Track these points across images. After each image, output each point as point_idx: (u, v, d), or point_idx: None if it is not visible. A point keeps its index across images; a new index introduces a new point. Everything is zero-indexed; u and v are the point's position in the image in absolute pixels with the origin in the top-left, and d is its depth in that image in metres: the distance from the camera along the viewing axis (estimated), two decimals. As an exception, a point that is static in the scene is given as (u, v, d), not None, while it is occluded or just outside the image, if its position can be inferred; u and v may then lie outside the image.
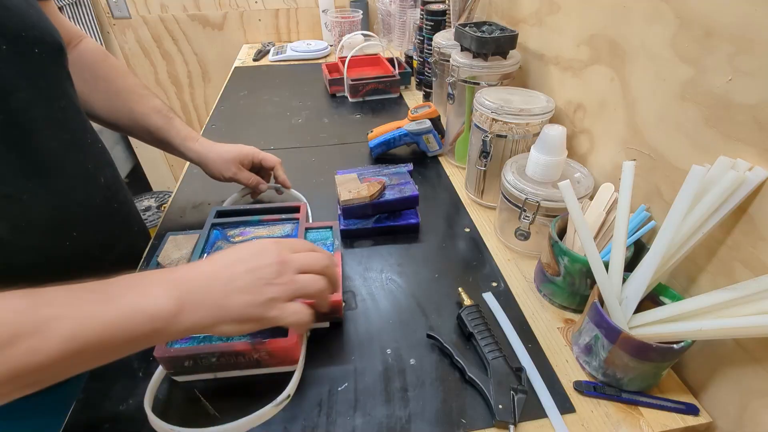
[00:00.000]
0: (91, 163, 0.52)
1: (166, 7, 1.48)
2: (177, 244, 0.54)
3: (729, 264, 0.40)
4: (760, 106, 0.36)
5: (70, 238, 0.49)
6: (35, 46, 0.44)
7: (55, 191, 0.46)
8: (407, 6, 1.10)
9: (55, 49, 0.48)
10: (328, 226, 0.58)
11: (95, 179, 0.53)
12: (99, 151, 0.56)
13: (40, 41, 0.45)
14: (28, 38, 0.43)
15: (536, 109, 0.59)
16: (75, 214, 0.49)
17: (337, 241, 0.55)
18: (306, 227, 0.58)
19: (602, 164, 0.59)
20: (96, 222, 0.53)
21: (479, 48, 0.66)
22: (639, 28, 0.49)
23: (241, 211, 0.60)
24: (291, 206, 0.61)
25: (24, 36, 0.43)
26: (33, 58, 0.44)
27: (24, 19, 0.43)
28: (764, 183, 0.36)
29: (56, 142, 0.47)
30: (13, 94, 0.42)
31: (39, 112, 0.44)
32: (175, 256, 0.52)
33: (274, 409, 0.41)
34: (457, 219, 0.67)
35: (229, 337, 0.44)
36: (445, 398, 0.43)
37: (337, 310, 0.49)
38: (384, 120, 0.89)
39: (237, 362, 0.43)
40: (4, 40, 0.41)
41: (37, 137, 0.44)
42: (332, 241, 0.56)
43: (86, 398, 0.43)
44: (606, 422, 0.41)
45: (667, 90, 0.46)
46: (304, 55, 1.36)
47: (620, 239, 0.43)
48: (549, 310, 0.52)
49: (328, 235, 0.57)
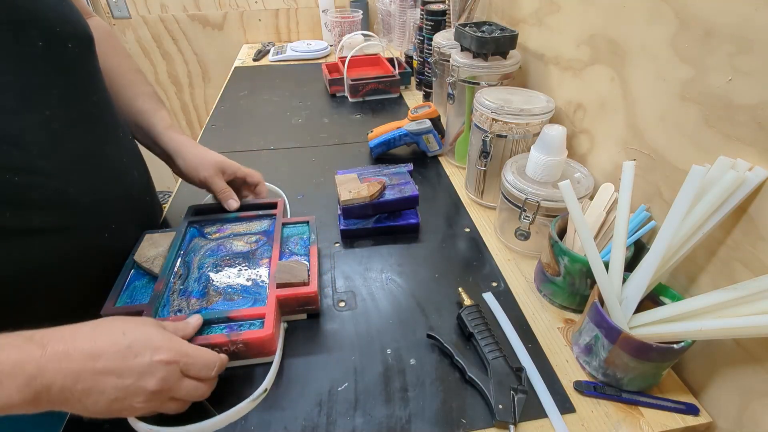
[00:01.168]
0: (126, 156, 0.53)
1: (166, 7, 1.48)
2: (153, 242, 0.54)
3: (729, 264, 0.40)
4: (760, 106, 0.36)
5: (109, 230, 0.49)
6: (69, 40, 0.44)
7: (96, 185, 0.47)
8: (407, 6, 1.10)
9: (86, 41, 0.47)
10: (305, 221, 0.59)
11: (130, 173, 0.54)
12: (131, 145, 0.57)
13: (72, 35, 0.44)
14: (62, 33, 0.43)
15: (536, 109, 0.59)
16: (114, 206, 0.50)
17: (313, 236, 0.56)
18: (283, 222, 0.59)
19: (602, 164, 0.59)
20: (132, 215, 0.54)
21: (479, 48, 0.66)
22: (639, 28, 0.49)
23: (219, 207, 0.61)
24: (268, 202, 0.62)
25: (59, 31, 0.42)
26: (67, 53, 0.44)
27: (58, 13, 0.43)
28: (764, 183, 0.36)
29: (92, 136, 0.47)
30: (51, 91, 0.42)
31: (75, 107, 0.44)
32: (151, 253, 0.52)
33: (251, 404, 0.41)
34: (457, 219, 0.67)
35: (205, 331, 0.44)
36: (445, 398, 0.43)
37: (312, 302, 0.49)
38: (384, 120, 0.89)
39: None
40: (41, 37, 0.41)
41: (76, 131, 0.44)
42: (308, 236, 0.57)
43: (86, 398, 0.43)
44: (606, 422, 0.41)
45: (667, 90, 0.46)
46: (304, 55, 1.36)
47: (620, 239, 0.43)
48: (549, 310, 0.52)
49: (304, 230, 0.58)
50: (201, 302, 0.48)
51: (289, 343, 0.48)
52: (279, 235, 0.56)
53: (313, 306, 0.50)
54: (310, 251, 0.54)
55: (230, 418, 0.40)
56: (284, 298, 0.48)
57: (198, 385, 0.39)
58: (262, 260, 0.53)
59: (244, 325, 0.45)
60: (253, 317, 0.45)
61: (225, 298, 0.49)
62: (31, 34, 0.40)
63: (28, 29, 0.39)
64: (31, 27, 0.40)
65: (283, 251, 0.55)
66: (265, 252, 0.55)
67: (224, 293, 0.49)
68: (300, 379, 0.45)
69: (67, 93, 0.44)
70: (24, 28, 0.39)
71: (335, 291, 0.55)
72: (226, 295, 0.49)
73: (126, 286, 0.50)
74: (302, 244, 0.56)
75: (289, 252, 0.55)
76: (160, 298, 0.47)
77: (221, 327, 0.45)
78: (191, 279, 0.51)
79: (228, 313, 0.45)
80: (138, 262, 0.51)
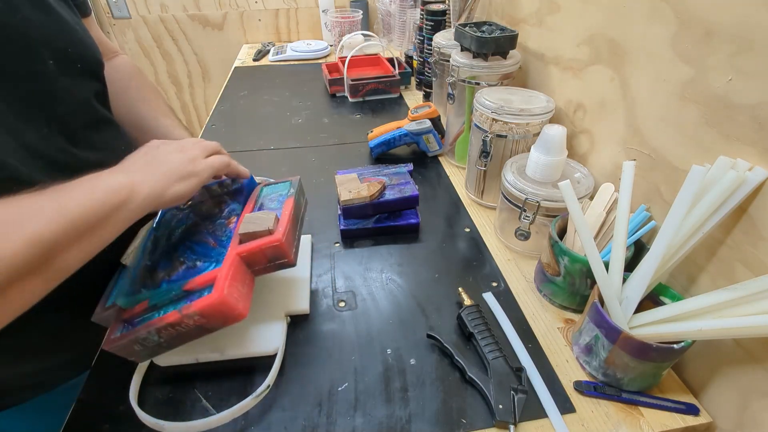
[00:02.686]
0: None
1: (166, 7, 1.48)
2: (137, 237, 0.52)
3: (729, 264, 0.40)
4: (760, 106, 0.36)
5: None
6: (78, 61, 0.47)
7: None
8: (407, 6, 1.10)
9: (95, 64, 0.51)
10: (287, 181, 0.54)
11: None
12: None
13: (82, 57, 0.48)
14: (73, 54, 0.47)
15: (536, 109, 0.59)
16: None
17: (293, 190, 0.51)
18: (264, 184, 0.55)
19: (602, 164, 0.59)
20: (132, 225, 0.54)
21: (479, 48, 0.66)
22: (639, 28, 0.49)
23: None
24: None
25: (70, 52, 0.46)
26: (76, 72, 0.47)
27: (71, 35, 0.47)
28: (764, 183, 0.36)
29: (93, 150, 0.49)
30: (56, 107, 0.44)
31: (78, 123, 0.47)
32: (129, 249, 0.50)
33: (254, 400, 0.41)
34: (457, 219, 0.67)
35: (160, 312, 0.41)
36: (445, 398, 0.43)
37: (281, 254, 0.44)
38: (384, 120, 0.89)
39: (180, 333, 0.40)
40: (52, 56, 0.44)
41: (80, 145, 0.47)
42: (287, 192, 0.52)
43: (86, 398, 0.43)
44: (606, 422, 0.41)
45: (667, 90, 0.46)
46: (304, 55, 1.36)
47: (620, 239, 0.43)
48: (549, 310, 0.52)
49: (285, 188, 0.53)
50: (164, 273, 0.44)
51: (290, 343, 0.48)
52: (256, 194, 0.52)
53: (284, 259, 0.45)
54: (285, 203, 0.48)
55: (233, 414, 0.40)
56: (247, 253, 0.43)
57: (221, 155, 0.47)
58: (230, 219, 0.49)
59: (195, 295, 0.40)
60: (208, 282, 0.41)
61: (188, 265, 0.44)
62: (42, 53, 0.43)
63: (39, 48, 0.43)
64: (41, 45, 0.43)
65: (256, 208, 0.50)
66: (236, 211, 0.50)
67: (187, 260, 0.45)
68: (300, 379, 0.45)
69: (72, 109, 0.46)
70: (36, 46, 0.42)
71: (335, 291, 0.55)
72: (189, 261, 0.45)
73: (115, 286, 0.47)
74: (279, 200, 0.50)
75: (262, 207, 0.50)
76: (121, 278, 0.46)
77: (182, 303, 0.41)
78: (157, 252, 0.48)
79: (184, 285, 0.41)
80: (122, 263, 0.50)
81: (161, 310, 0.41)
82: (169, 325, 0.39)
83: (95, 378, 0.45)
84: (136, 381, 0.43)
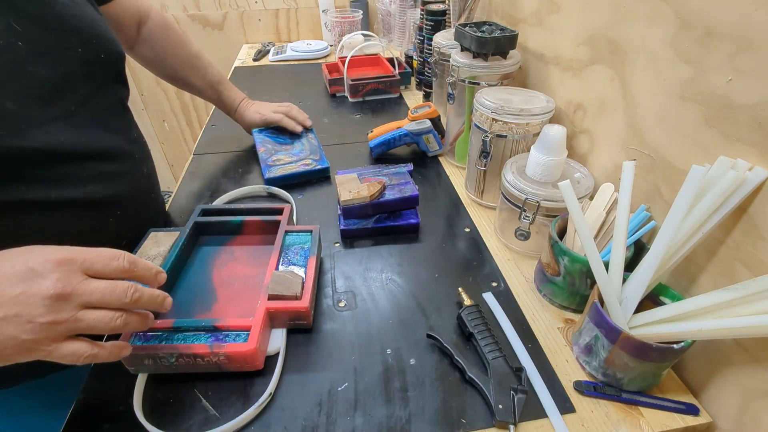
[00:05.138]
0: (137, 154, 0.58)
1: (166, 7, 1.48)
2: (157, 241, 0.54)
3: (729, 264, 0.40)
4: (760, 106, 0.36)
5: (114, 216, 0.53)
6: (102, 52, 0.51)
7: (111, 174, 0.52)
8: (407, 6, 1.10)
9: (116, 56, 0.54)
10: (308, 230, 0.57)
11: (141, 169, 0.58)
12: (143, 145, 0.61)
13: (105, 49, 0.52)
14: (98, 45, 0.50)
15: (536, 109, 0.59)
16: (122, 196, 0.53)
17: (314, 247, 0.54)
18: (286, 230, 0.57)
19: (602, 164, 0.59)
20: (137, 207, 0.57)
21: (479, 48, 0.66)
22: (639, 28, 0.49)
23: (225, 210, 0.61)
24: (275, 208, 0.60)
25: (95, 43, 0.50)
26: (97, 62, 0.51)
27: (98, 28, 0.51)
28: (764, 183, 0.36)
29: (108, 133, 0.52)
30: (75, 90, 0.48)
31: (94, 107, 0.50)
32: (153, 252, 0.52)
33: (256, 409, 0.41)
34: (457, 219, 0.67)
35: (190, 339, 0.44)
36: (445, 398, 0.43)
37: (303, 317, 0.48)
38: (384, 120, 0.89)
39: (197, 364, 0.43)
40: (80, 43, 0.48)
41: (95, 128, 0.50)
42: (309, 246, 0.55)
43: (86, 398, 0.43)
44: (606, 422, 0.41)
45: (667, 90, 0.46)
46: (304, 55, 1.36)
47: (620, 239, 0.43)
48: (549, 310, 0.52)
49: (306, 240, 0.56)
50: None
51: (290, 342, 0.48)
52: (280, 242, 0.55)
53: (304, 321, 0.48)
54: (309, 263, 0.52)
55: (236, 425, 0.40)
56: (274, 311, 0.47)
57: (110, 315, 0.33)
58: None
59: (230, 336, 0.44)
60: (240, 329, 0.44)
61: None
62: (73, 41, 0.47)
63: (71, 36, 0.47)
64: (73, 35, 0.47)
65: (281, 260, 0.53)
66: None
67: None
68: (300, 379, 0.45)
69: (93, 93, 0.50)
70: (68, 35, 0.47)
71: (335, 291, 0.55)
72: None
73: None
74: (302, 254, 0.54)
75: (288, 261, 0.53)
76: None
77: (207, 336, 0.44)
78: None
79: (215, 323, 0.44)
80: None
81: (184, 336, 0.44)
82: (194, 355, 0.42)
83: (95, 378, 0.45)
84: (139, 390, 0.43)
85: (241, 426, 0.41)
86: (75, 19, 0.48)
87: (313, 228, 0.57)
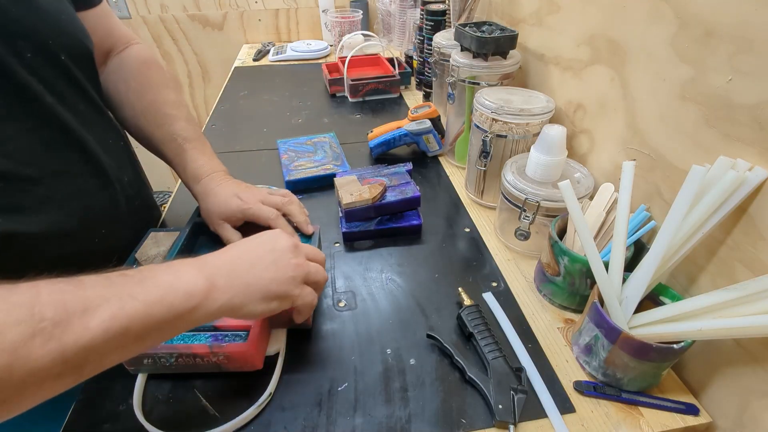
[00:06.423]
0: (115, 161, 0.54)
1: (166, 7, 1.48)
2: (156, 241, 0.54)
3: (729, 264, 0.40)
4: (760, 106, 0.36)
5: (98, 235, 0.51)
6: (62, 52, 0.46)
7: (84, 190, 0.49)
8: (407, 6, 1.10)
9: (82, 54, 0.49)
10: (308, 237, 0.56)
11: (120, 179, 0.55)
12: (122, 150, 0.57)
13: (67, 47, 0.46)
14: (56, 45, 0.45)
15: (536, 109, 0.59)
16: (102, 212, 0.51)
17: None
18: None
19: (602, 164, 0.59)
20: (122, 220, 0.55)
21: (479, 48, 0.66)
22: (639, 28, 0.49)
23: None
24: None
25: (51, 43, 0.44)
26: (59, 64, 0.46)
27: (55, 25, 0.45)
28: (764, 183, 0.36)
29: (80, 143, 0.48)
30: (38, 100, 0.43)
31: (65, 115, 0.46)
32: (152, 252, 0.52)
33: (256, 409, 0.41)
34: (457, 219, 0.67)
35: (189, 339, 0.44)
36: (445, 398, 0.43)
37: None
38: (384, 120, 0.89)
39: (196, 364, 0.43)
40: (30, 49, 0.42)
41: (69, 138, 0.47)
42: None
43: (86, 398, 0.43)
44: (606, 422, 0.41)
45: (667, 90, 0.46)
46: (304, 55, 1.36)
47: (620, 239, 0.43)
48: (549, 310, 0.52)
49: (306, 240, 0.56)
50: None
51: (290, 342, 0.48)
52: None
53: (305, 323, 0.48)
54: None
55: (236, 425, 0.40)
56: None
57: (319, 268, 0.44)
58: None
59: (228, 337, 0.44)
60: (240, 329, 0.44)
61: None
62: (19, 45, 0.41)
63: (17, 40, 0.41)
64: (19, 38, 0.41)
65: None
66: None
67: None
68: (300, 379, 0.45)
69: (56, 102, 0.45)
70: (12, 40, 0.41)
71: (335, 291, 0.55)
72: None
73: None
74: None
75: None
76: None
77: (206, 336, 0.44)
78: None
79: (214, 323, 0.44)
80: (138, 260, 0.51)
81: (184, 336, 0.44)
82: (194, 355, 0.42)
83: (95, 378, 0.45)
84: (139, 390, 0.43)
85: (241, 426, 0.41)
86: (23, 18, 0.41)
87: (314, 228, 0.57)
